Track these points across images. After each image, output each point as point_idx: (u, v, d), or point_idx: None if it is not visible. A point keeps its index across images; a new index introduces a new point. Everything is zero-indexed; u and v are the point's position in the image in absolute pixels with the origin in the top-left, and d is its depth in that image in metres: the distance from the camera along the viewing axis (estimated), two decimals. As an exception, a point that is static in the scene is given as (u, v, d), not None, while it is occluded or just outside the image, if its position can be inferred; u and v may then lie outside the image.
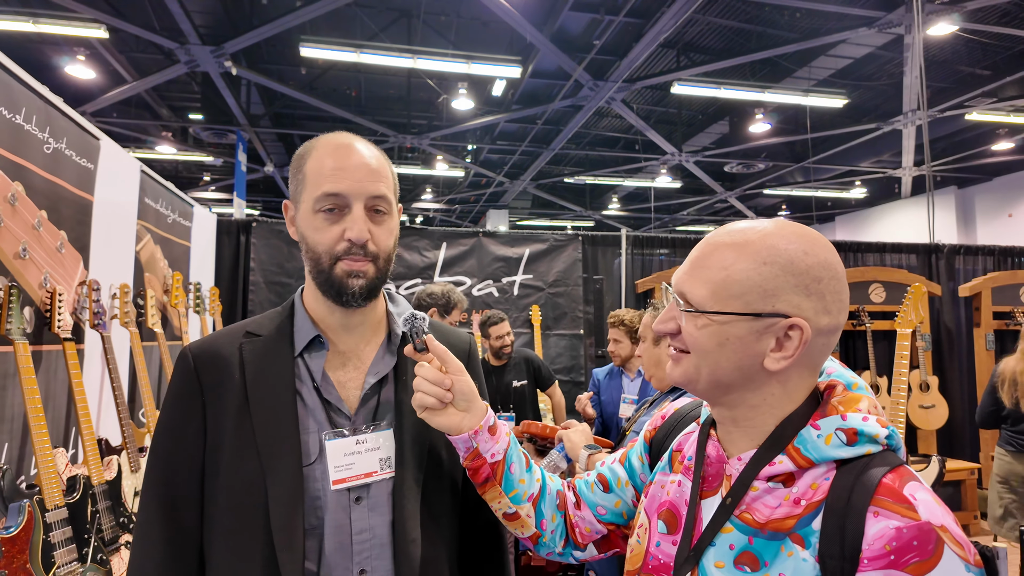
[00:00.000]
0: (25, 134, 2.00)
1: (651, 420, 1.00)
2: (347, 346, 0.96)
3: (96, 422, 2.53)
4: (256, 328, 0.96)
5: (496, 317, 3.66)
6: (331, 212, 0.89)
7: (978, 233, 11.58)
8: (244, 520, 0.84)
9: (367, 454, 0.90)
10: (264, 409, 0.88)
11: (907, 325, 2.43)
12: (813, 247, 0.70)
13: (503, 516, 0.95)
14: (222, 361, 0.91)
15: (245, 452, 0.86)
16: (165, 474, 0.89)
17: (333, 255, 0.89)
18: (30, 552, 1.71)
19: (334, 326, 0.95)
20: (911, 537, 0.59)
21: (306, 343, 0.93)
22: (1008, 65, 7.62)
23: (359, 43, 6.58)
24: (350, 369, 0.95)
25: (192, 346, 0.94)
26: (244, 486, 0.85)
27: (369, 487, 0.90)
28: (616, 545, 0.97)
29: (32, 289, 2.04)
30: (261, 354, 0.92)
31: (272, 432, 0.87)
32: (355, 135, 0.95)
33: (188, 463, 0.89)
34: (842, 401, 0.71)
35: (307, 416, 0.90)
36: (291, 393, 0.90)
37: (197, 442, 0.89)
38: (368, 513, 0.89)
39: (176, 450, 0.89)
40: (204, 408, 0.89)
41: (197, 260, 4.00)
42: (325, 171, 0.89)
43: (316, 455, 0.88)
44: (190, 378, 0.91)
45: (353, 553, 0.87)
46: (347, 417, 0.92)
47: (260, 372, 0.91)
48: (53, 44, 7.26)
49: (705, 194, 13.29)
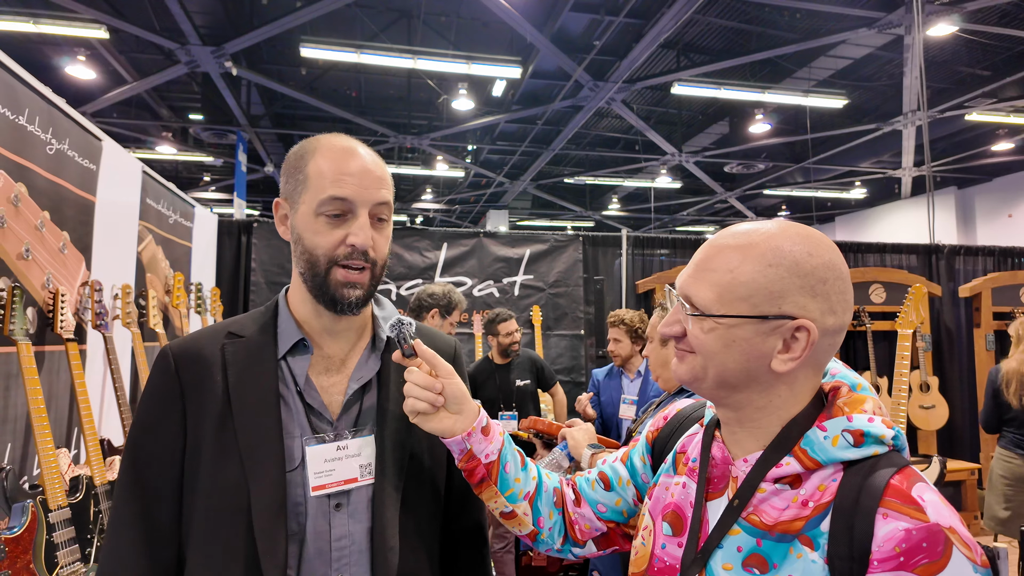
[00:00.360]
0: (28, 135, 2.00)
1: (654, 421, 1.00)
2: (331, 350, 0.95)
3: (98, 422, 2.53)
4: (239, 329, 0.94)
5: (504, 314, 3.66)
6: (335, 217, 0.88)
7: (978, 233, 11.59)
8: (225, 523, 0.83)
9: (347, 460, 0.89)
10: (247, 412, 0.87)
11: (908, 326, 2.43)
12: (818, 248, 0.71)
13: (500, 515, 0.95)
14: (204, 361, 0.89)
15: (227, 456, 0.85)
16: (141, 473, 0.87)
17: (332, 258, 0.88)
18: (33, 552, 1.71)
19: (319, 330, 0.94)
20: (920, 539, 0.59)
21: (290, 346, 0.92)
22: (1008, 66, 7.63)
23: (359, 43, 6.59)
24: (333, 374, 0.94)
25: (173, 345, 0.91)
26: (226, 490, 0.84)
27: (349, 493, 0.89)
28: (616, 543, 0.97)
29: (35, 290, 2.04)
30: (244, 356, 0.90)
31: (255, 436, 0.86)
32: (354, 138, 0.94)
33: (165, 463, 0.87)
34: (847, 402, 0.71)
35: (290, 421, 0.89)
36: (274, 397, 0.88)
37: (176, 442, 0.87)
38: (348, 519, 0.88)
39: (153, 449, 0.87)
40: (184, 409, 0.87)
41: (198, 260, 4.00)
42: (330, 175, 0.88)
43: (299, 461, 0.87)
44: (170, 377, 0.88)
45: (332, 560, 0.86)
46: (329, 422, 0.91)
47: (243, 374, 0.89)
48: (53, 44, 7.27)
49: (705, 194, 13.29)
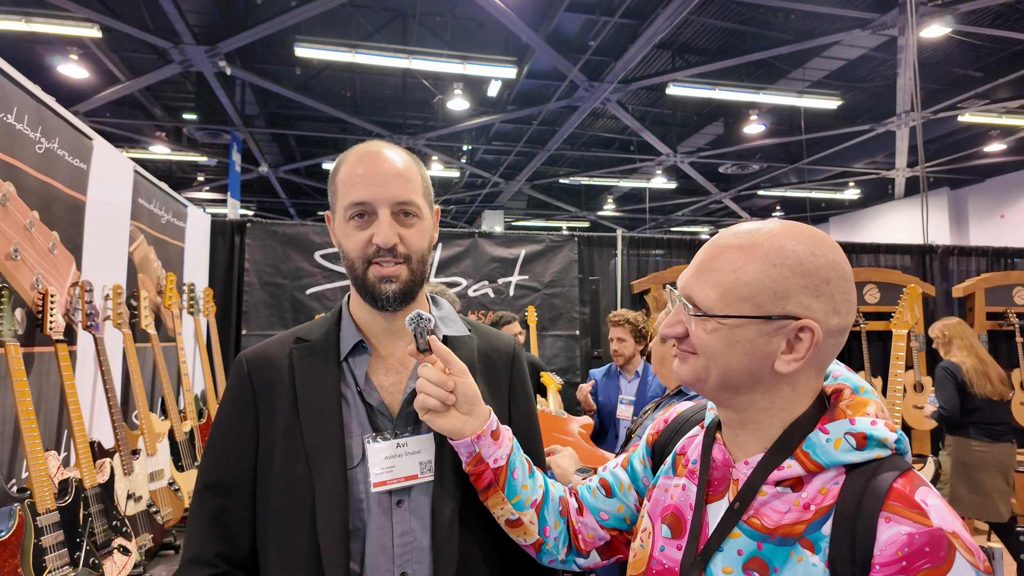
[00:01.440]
0: (17, 134, 1.97)
1: (654, 423, 0.99)
2: (389, 351, 0.99)
3: (89, 424, 2.50)
4: (305, 334, 1.00)
5: (508, 317, 3.62)
6: (360, 219, 0.93)
7: (970, 234, 11.65)
8: (293, 520, 0.88)
9: (407, 457, 0.91)
10: (311, 413, 0.92)
11: (903, 326, 2.43)
12: (821, 247, 0.70)
13: (505, 523, 0.94)
14: (273, 366, 0.96)
15: (294, 454, 0.90)
16: (218, 463, 0.94)
17: (365, 259, 0.93)
18: (21, 556, 1.69)
19: (377, 331, 0.99)
20: (923, 543, 0.59)
21: (350, 348, 0.97)
22: (1000, 67, 7.67)
23: (354, 43, 6.56)
24: (392, 373, 0.98)
25: (247, 352, 1.00)
26: (293, 487, 0.89)
27: (410, 490, 0.91)
28: (619, 551, 0.96)
29: (24, 290, 2.01)
30: (309, 359, 0.96)
31: (319, 435, 0.90)
32: (386, 143, 0.99)
33: (239, 457, 0.93)
34: (850, 405, 0.70)
35: (351, 419, 0.93)
36: (337, 397, 0.93)
37: (250, 440, 0.94)
38: (409, 516, 0.90)
39: (229, 445, 0.94)
40: (257, 411, 0.94)
41: (191, 261, 3.97)
42: (353, 180, 0.93)
43: (359, 458, 0.91)
44: (244, 383, 0.96)
45: (394, 556, 0.88)
46: (389, 420, 0.94)
47: (308, 377, 0.95)
48: (46, 43, 7.21)
49: (700, 195, 13.31)
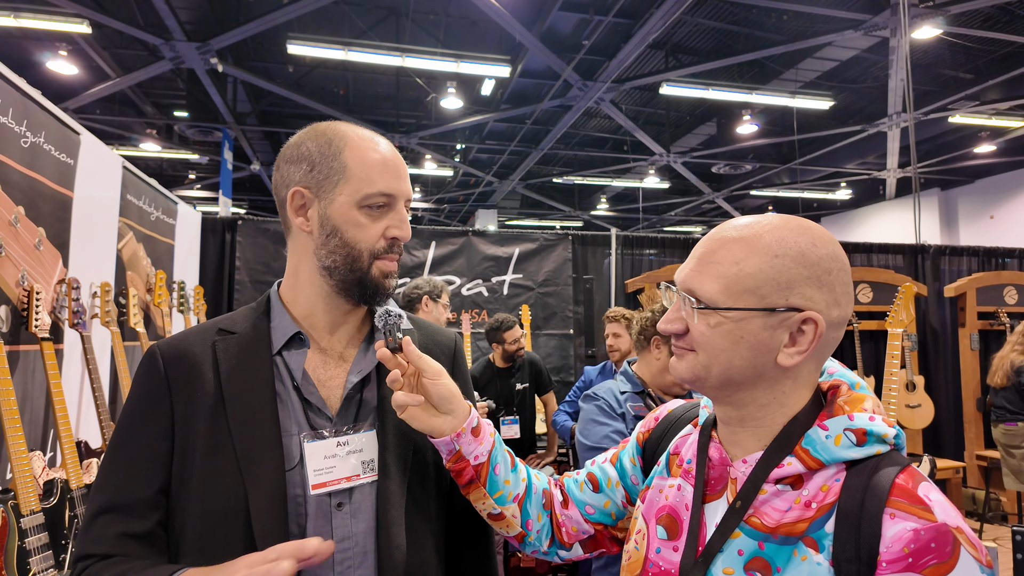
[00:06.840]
0: (1, 127, 1.94)
1: (644, 422, 0.97)
2: (329, 344, 0.92)
3: (75, 424, 2.47)
4: (229, 325, 0.91)
5: (509, 321, 3.60)
6: (379, 209, 0.87)
7: (960, 234, 11.75)
8: (222, 527, 0.79)
9: (348, 456, 0.85)
10: (241, 410, 0.83)
11: (898, 325, 2.43)
12: (820, 239, 0.70)
13: (488, 516, 0.93)
14: (193, 359, 0.86)
15: (221, 455, 0.81)
16: (119, 478, 0.82)
17: (373, 252, 0.87)
18: (5, 559, 1.66)
19: (318, 323, 0.91)
20: (929, 539, 0.58)
21: (285, 341, 0.89)
22: (990, 69, 7.73)
23: (347, 41, 6.52)
24: (331, 367, 0.90)
25: (161, 343, 0.88)
26: (221, 491, 0.80)
27: (351, 492, 0.85)
28: (603, 545, 0.95)
29: (8, 287, 1.98)
30: (236, 352, 0.87)
31: (251, 434, 0.82)
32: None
33: (146, 465, 0.82)
34: (847, 401, 0.70)
35: (287, 417, 0.86)
36: (270, 393, 0.85)
37: (162, 442, 0.83)
38: (350, 519, 0.85)
39: (133, 450, 0.82)
40: (172, 409, 0.84)
41: (181, 258, 3.93)
42: (376, 166, 0.86)
43: (297, 459, 0.84)
44: (157, 377, 0.85)
45: (334, 562, 0.82)
46: (328, 418, 0.87)
47: (235, 371, 0.86)
48: (35, 39, 7.13)
49: (693, 195, 13.35)
